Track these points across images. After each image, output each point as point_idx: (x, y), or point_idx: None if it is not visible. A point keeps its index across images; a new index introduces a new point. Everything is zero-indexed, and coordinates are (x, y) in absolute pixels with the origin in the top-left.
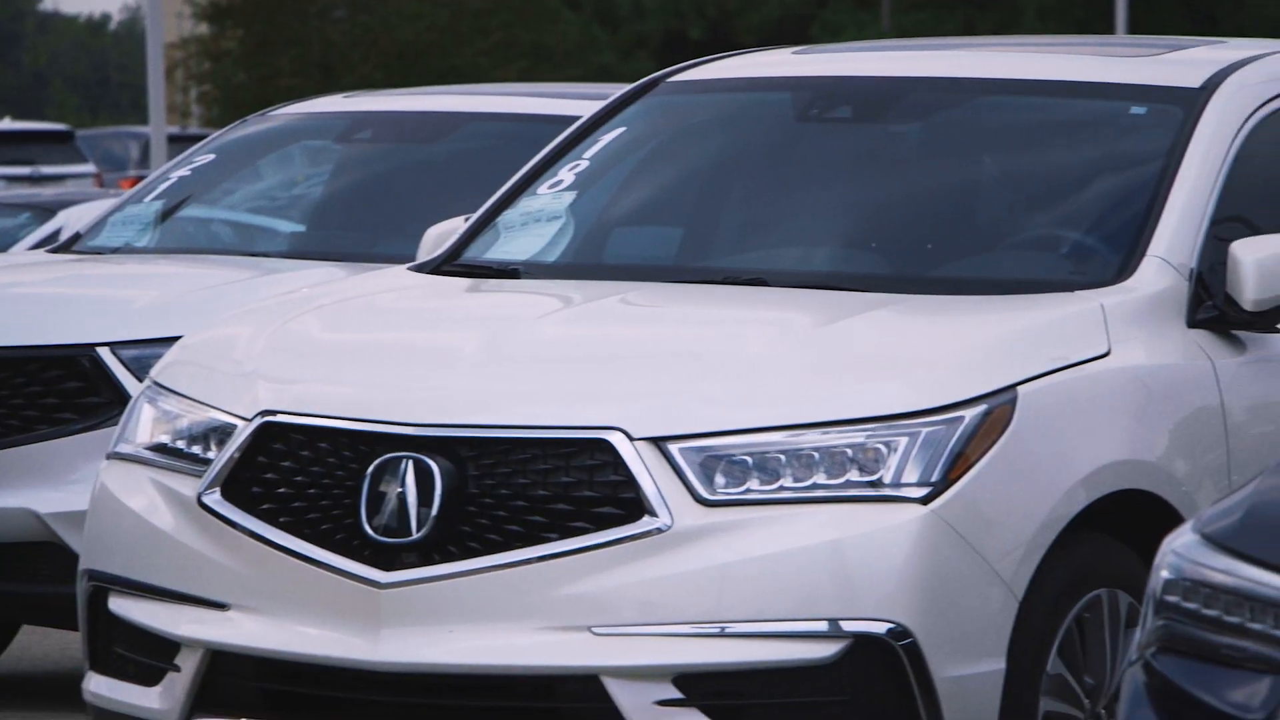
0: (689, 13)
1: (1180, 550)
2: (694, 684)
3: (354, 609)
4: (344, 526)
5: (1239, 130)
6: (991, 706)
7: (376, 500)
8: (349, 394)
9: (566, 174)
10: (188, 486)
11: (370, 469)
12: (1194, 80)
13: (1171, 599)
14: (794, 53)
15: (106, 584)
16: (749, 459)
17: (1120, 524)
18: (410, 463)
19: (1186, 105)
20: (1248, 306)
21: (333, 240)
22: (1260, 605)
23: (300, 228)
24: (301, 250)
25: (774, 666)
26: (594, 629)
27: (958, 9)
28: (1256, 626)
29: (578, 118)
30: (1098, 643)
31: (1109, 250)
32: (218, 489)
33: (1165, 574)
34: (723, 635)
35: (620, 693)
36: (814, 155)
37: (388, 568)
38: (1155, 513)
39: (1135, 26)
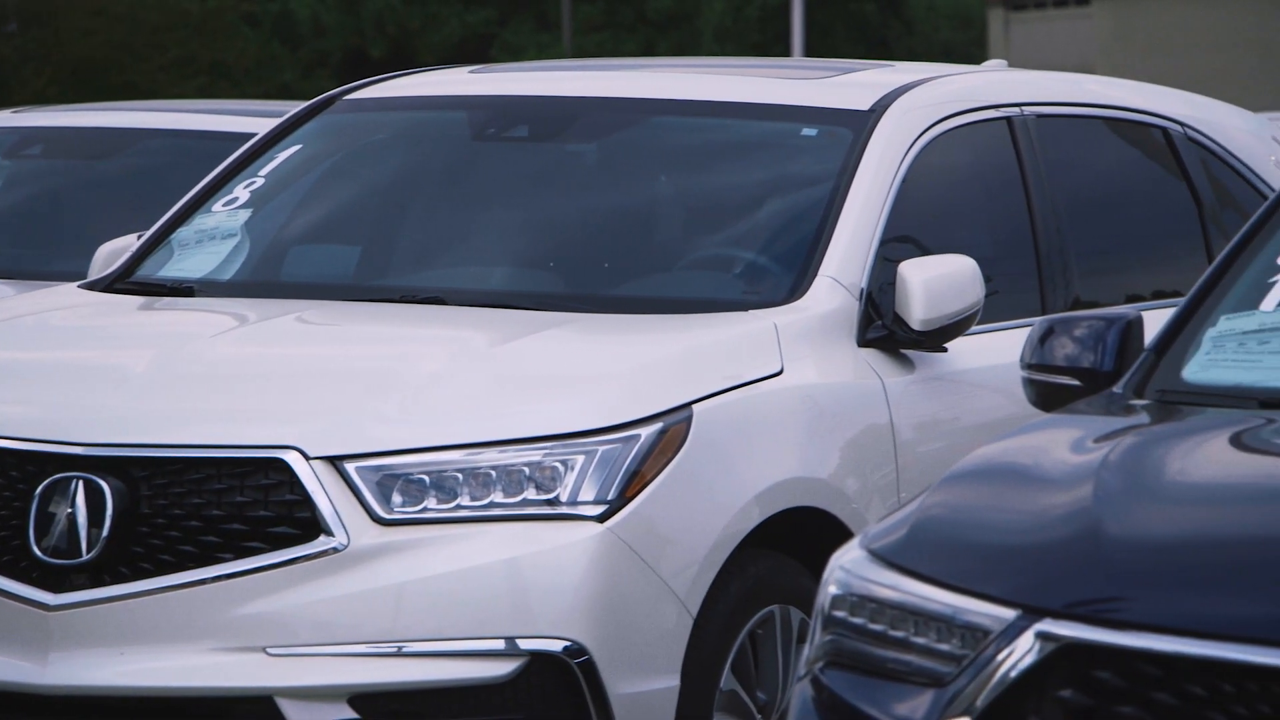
0: (370, 31)
1: (848, 566)
2: (370, 704)
3: (23, 632)
4: (12, 548)
5: (907, 152)
6: None
7: (46, 521)
8: (17, 413)
9: (241, 191)
10: None
11: (39, 489)
12: (863, 103)
13: (839, 614)
14: (471, 72)
15: None
16: (426, 478)
17: (793, 541)
18: (80, 483)
19: (856, 127)
20: (916, 326)
21: (1, 258)
22: (924, 619)
23: None
24: None
25: (451, 685)
26: (269, 649)
27: (637, 30)
28: (920, 640)
29: (253, 135)
30: (770, 658)
31: (782, 270)
32: None
33: (833, 589)
34: (399, 655)
35: (294, 713)
36: (491, 174)
37: (57, 589)
38: (827, 529)
39: (811, 50)
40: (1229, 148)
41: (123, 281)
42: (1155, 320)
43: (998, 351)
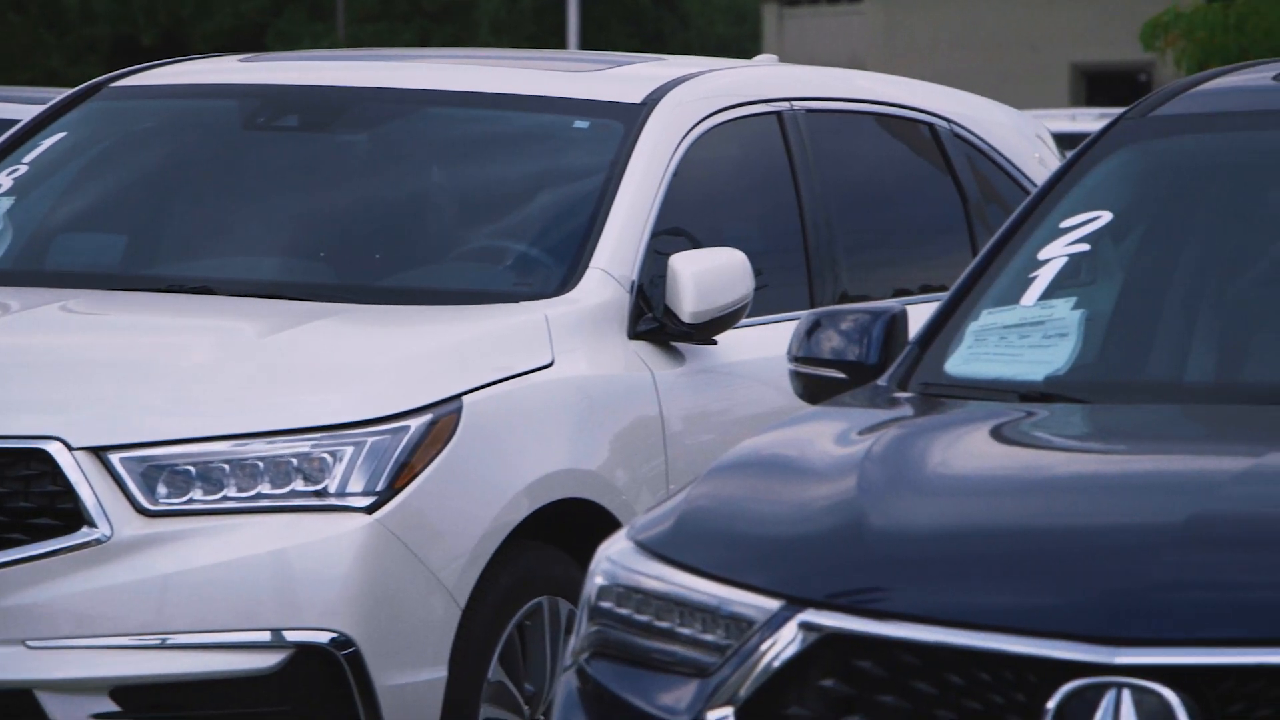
0: (140, 18)
1: (614, 557)
2: (132, 696)
3: None
4: None
5: (678, 145)
6: (433, 714)
7: None
8: None
9: (4, 179)
10: None
11: None
12: (635, 96)
13: (605, 605)
14: (241, 60)
15: None
16: (192, 469)
17: (563, 532)
18: None
19: (628, 120)
20: (686, 319)
21: None
22: (689, 610)
23: None
24: None
25: (216, 677)
26: (28, 642)
27: (413, 21)
28: (685, 631)
29: (17, 121)
30: (539, 650)
31: (553, 262)
32: None
33: (599, 580)
34: (163, 647)
35: (54, 707)
36: (261, 164)
37: None
38: (597, 521)
39: (587, 43)
40: (994, 144)
41: None
42: (922, 314)
43: (767, 344)
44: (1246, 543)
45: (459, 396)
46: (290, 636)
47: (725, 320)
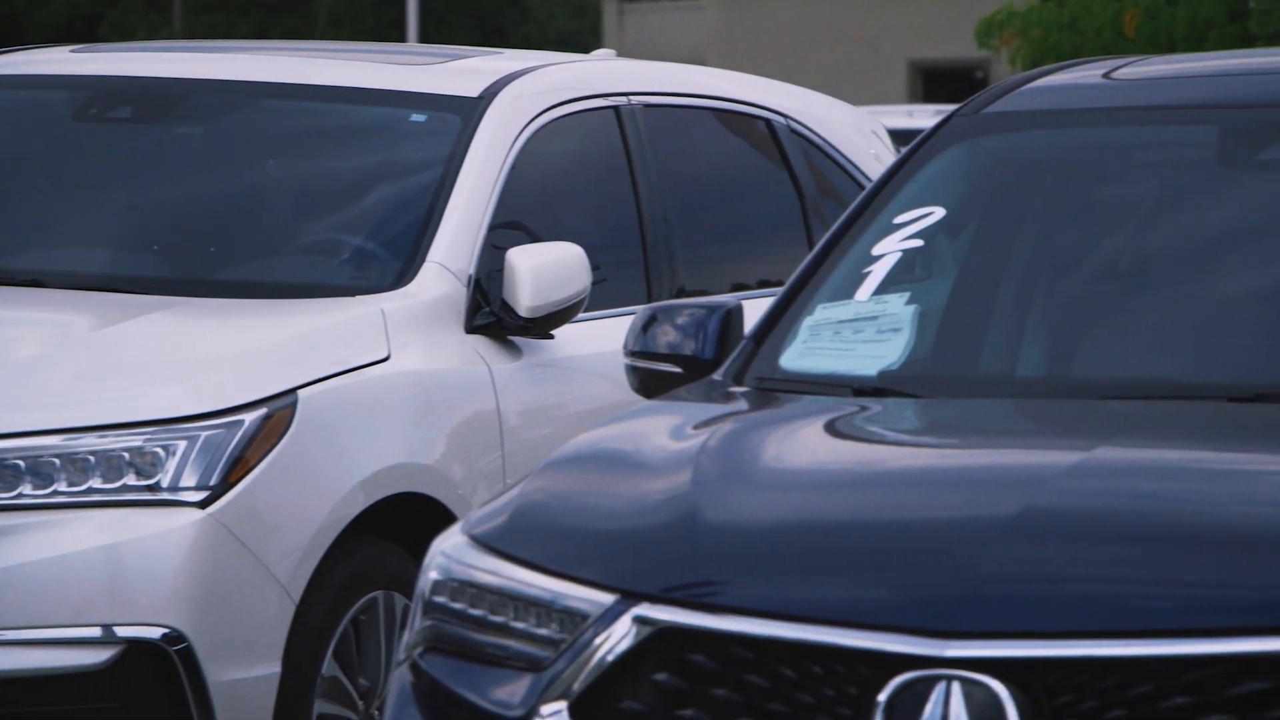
0: None
1: (448, 551)
2: None
3: None
4: None
5: (516, 139)
6: (266, 710)
7: None
8: None
9: None
10: None
11: None
12: (472, 90)
13: (439, 599)
14: (73, 51)
15: None
16: (21, 463)
17: (399, 527)
18: None
19: (465, 114)
20: (523, 313)
21: None
22: (523, 604)
23: None
24: None
25: (46, 674)
26: None
27: (251, 13)
28: (519, 625)
29: None
30: (373, 645)
31: (389, 256)
32: None
33: (434, 575)
34: None
35: None
36: (93, 156)
37: None
38: (434, 516)
39: (426, 36)
40: (831, 140)
41: None
42: (759, 309)
43: (604, 338)
44: (1075, 536)
45: (294, 391)
46: (121, 632)
47: (562, 315)
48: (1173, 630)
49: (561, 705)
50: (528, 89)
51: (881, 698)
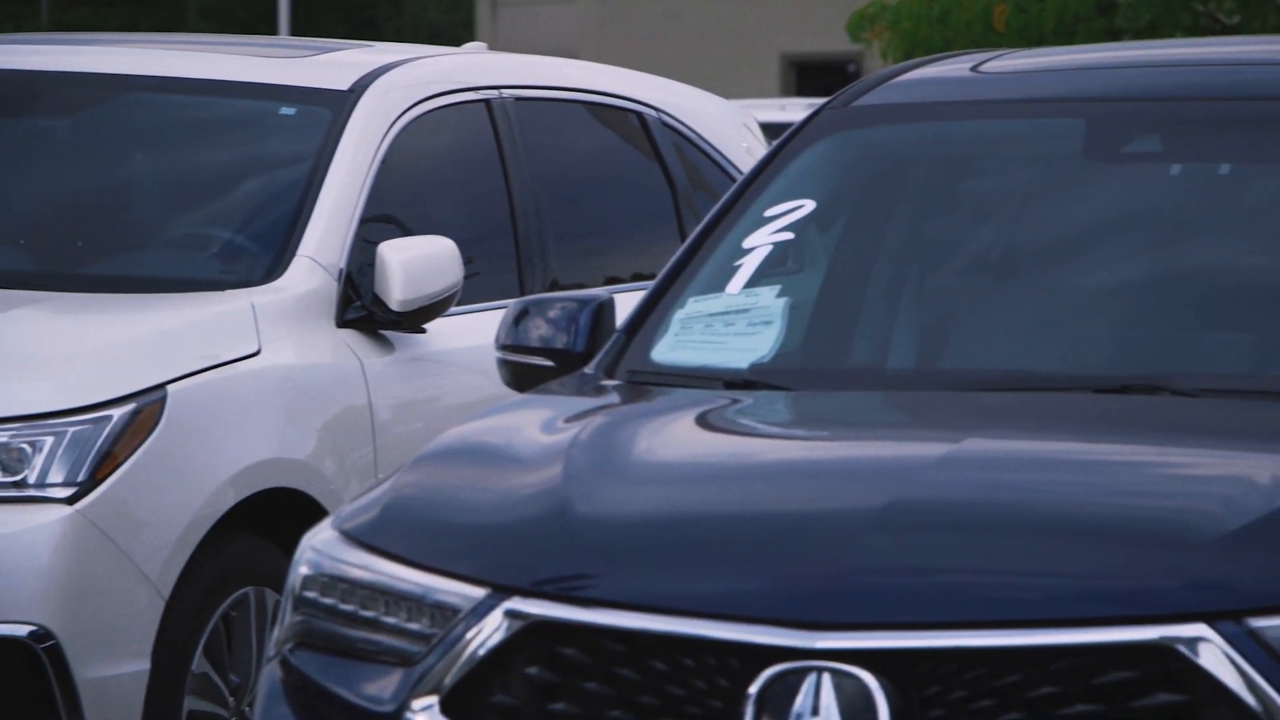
0: None
1: (319, 546)
2: None
3: None
4: None
5: (387, 133)
6: (135, 707)
7: None
8: None
9: None
10: None
11: None
12: (342, 83)
13: (310, 595)
14: None
15: None
16: None
17: (271, 522)
18: None
19: (335, 107)
20: (395, 307)
21: None
22: (395, 599)
23: None
24: None
25: None
26: None
27: (120, 5)
28: (390, 620)
29: None
30: (244, 641)
31: (259, 250)
32: None
33: (304, 570)
34: None
35: None
36: None
37: None
38: (306, 511)
39: (298, 29)
40: (702, 133)
41: None
42: (633, 302)
43: (477, 332)
44: (944, 527)
45: (163, 385)
46: None
47: (434, 308)
48: (1039, 620)
49: (433, 700)
50: (398, 82)
51: (752, 690)
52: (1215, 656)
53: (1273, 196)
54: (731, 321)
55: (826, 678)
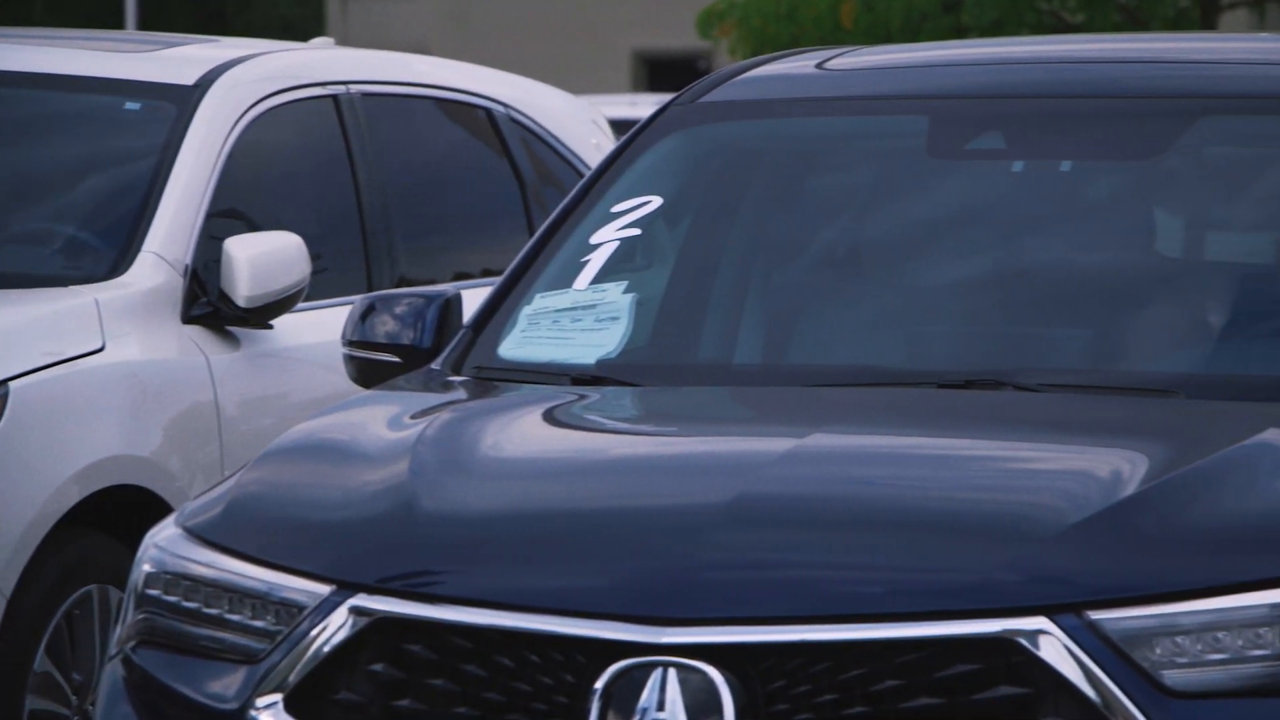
0: None
1: (162, 544)
2: None
3: None
4: None
5: (233, 128)
6: None
7: None
8: None
9: None
10: None
11: None
12: (188, 78)
13: (153, 592)
14: None
15: None
16: None
17: (116, 520)
18: None
19: (180, 102)
20: (241, 303)
21: None
22: (239, 596)
23: None
24: None
25: None
26: None
27: None
28: (235, 618)
29: None
30: (88, 639)
31: (104, 246)
32: None
33: (147, 567)
34: None
35: None
36: None
37: None
38: (152, 508)
39: (146, 24)
40: (550, 129)
41: None
42: (481, 298)
43: (324, 328)
44: (788, 522)
45: (5, 382)
46: None
47: (281, 304)
48: (883, 615)
49: (277, 697)
50: (244, 77)
51: (598, 685)
52: (1055, 649)
53: (1113, 193)
54: (579, 317)
55: (672, 673)
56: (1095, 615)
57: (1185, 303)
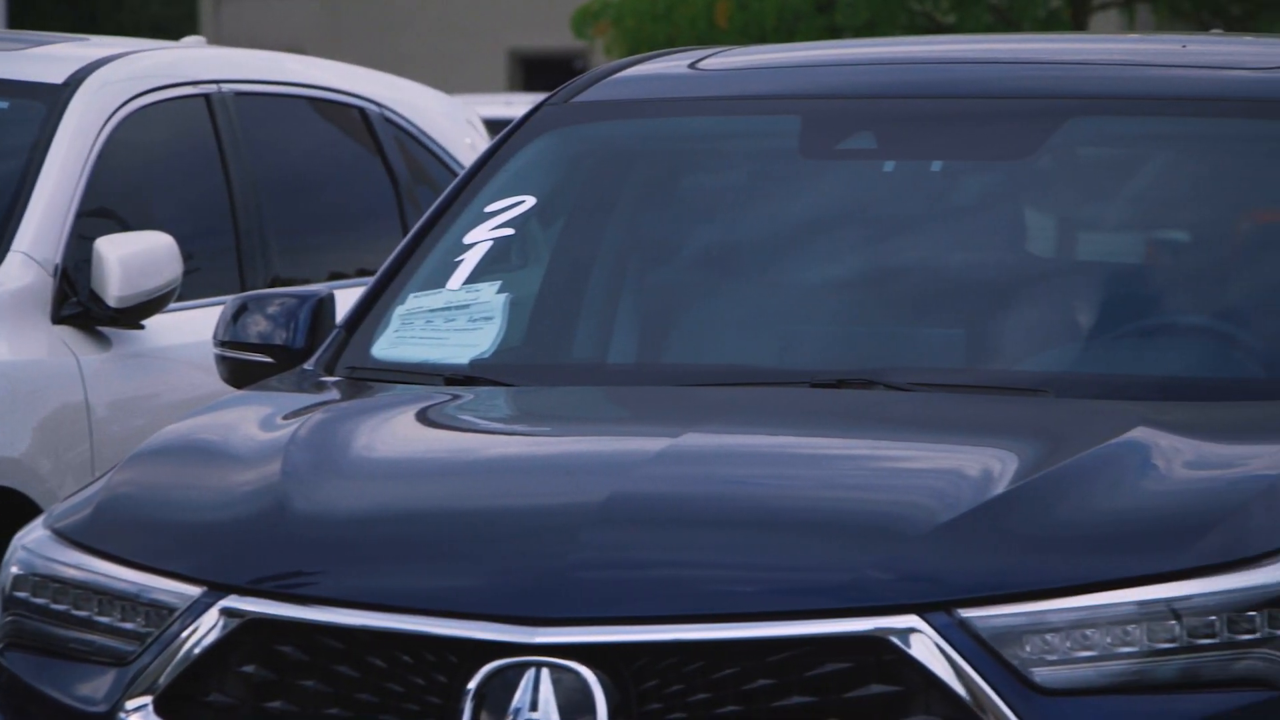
0: None
1: (31, 546)
2: None
3: None
4: None
5: (103, 127)
6: None
7: None
8: None
9: None
10: None
11: None
12: (57, 77)
13: (21, 595)
14: None
15: None
16: None
17: None
18: None
19: (49, 101)
20: (112, 303)
21: None
22: (109, 599)
23: None
24: None
25: None
26: None
27: None
28: (104, 620)
29: None
30: None
31: None
32: None
33: (15, 570)
34: None
35: None
36: None
37: None
38: (20, 510)
39: (16, 22)
40: (424, 128)
41: None
42: (355, 298)
43: (196, 329)
44: (661, 522)
45: None
46: None
47: (153, 304)
48: (755, 614)
49: (147, 700)
50: (114, 76)
51: (471, 685)
52: (926, 647)
53: (984, 193)
54: (452, 317)
55: (545, 673)
56: (965, 613)
57: (1055, 302)
